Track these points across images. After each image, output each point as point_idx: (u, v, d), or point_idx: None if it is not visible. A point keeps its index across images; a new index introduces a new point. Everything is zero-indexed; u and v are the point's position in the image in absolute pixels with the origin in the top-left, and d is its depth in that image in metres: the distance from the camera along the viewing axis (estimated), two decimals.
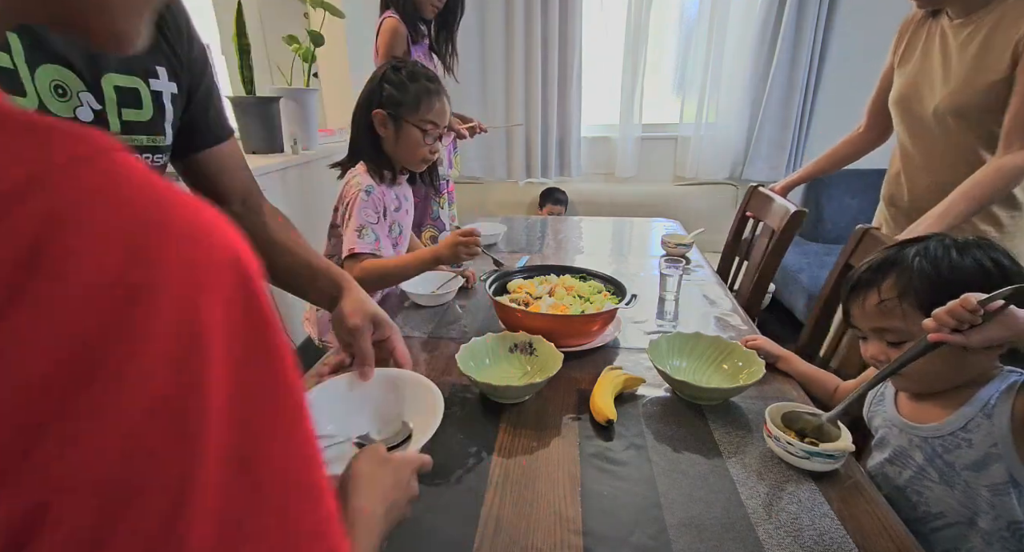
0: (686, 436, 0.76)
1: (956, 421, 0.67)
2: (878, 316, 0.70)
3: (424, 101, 1.11)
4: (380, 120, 1.12)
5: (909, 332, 0.68)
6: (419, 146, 1.14)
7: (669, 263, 1.25)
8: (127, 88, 0.51)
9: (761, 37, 2.65)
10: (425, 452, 0.70)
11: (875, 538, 0.58)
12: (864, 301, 0.71)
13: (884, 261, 0.71)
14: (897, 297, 0.68)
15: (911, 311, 0.67)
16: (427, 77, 1.13)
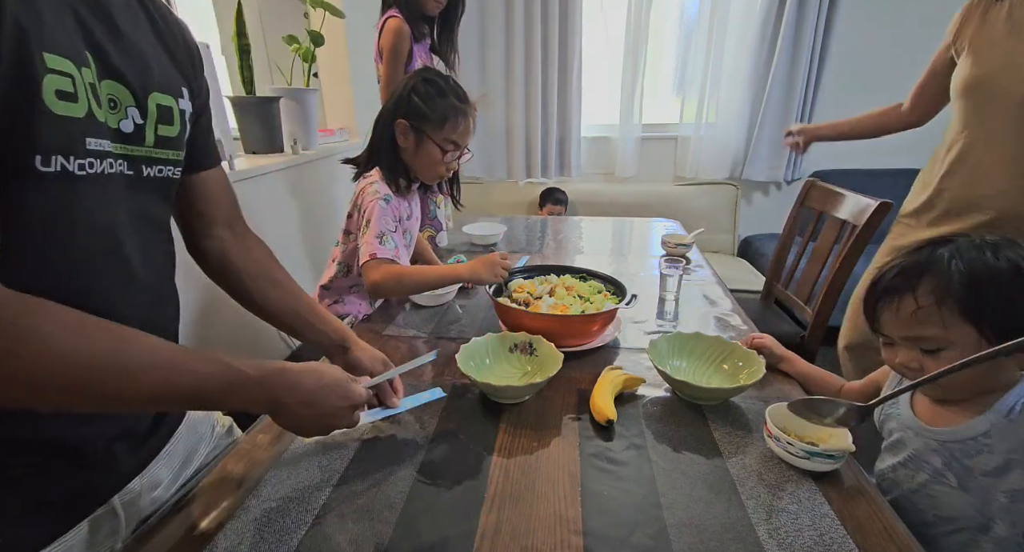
0: (686, 436, 0.76)
1: (978, 426, 0.65)
2: (913, 324, 0.66)
3: (450, 120, 1.10)
4: (402, 130, 1.11)
5: (948, 339, 0.64)
6: (438, 164, 1.14)
7: (669, 263, 1.25)
8: (165, 106, 0.56)
9: (761, 37, 2.65)
10: (425, 451, 0.71)
11: (875, 538, 0.58)
12: (898, 308, 0.67)
13: (916, 264, 0.67)
14: (936, 303, 0.64)
15: (951, 317, 0.63)
16: (457, 96, 1.12)
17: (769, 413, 0.71)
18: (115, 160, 0.50)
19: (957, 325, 0.63)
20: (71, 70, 0.43)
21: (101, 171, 0.48)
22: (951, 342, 0.64)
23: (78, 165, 0.45)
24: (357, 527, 0.59)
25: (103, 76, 0.48)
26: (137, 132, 0.52)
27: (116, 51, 0.50)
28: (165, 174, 0.58)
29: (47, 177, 0.42)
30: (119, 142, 0.51)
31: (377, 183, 1.14)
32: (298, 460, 0.70)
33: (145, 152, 0.54)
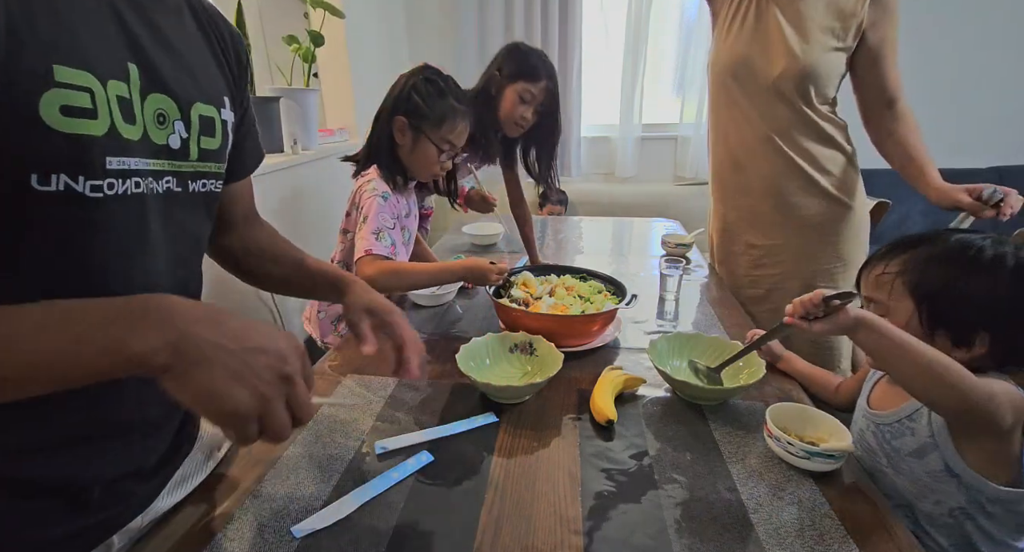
0: (686, 436, 0.76)
1: (904, 410, 0.70)
2: (874, 286, 0.73)
3: (448, 120, 1.11)
4: (400, 127, 1.12)
5: (889, 308, 0.71)
6: (433, 163, 1.14)
7: (669, 263, 1.25)
8: (207, 117, 0.53)
9: None
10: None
11: (875, 538, 0.58)
12: (871, 269, 0.74)
13: (912, 239, 0.73)
14: (896, 273, 0.70)
15: (900, 289, 0.69)
16: (456, 97, 1.13)
17: (769, 413, 0.71)
18: (157, 179, 0.48)
19: (901, 298, 0.69)
20: (91, 84, 0.40)
21: (124, 191, 0.44)
22: (890, 310, 0.70)
23: (91, 186, 0.41)
24: (357, 527, 0.59)
25: (149, 89, 0.46)
26: (183, 147, 0.50)
27: (163, 60, 0.47)
28: (209, 188, 0.56)
29: (48, 197, 0.39)
30: (167, 159, 0.48)
31: (375, 180, 1.14)
32: (298, 460, 0.70)
33: (191, 167, 0.52)
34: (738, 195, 1.39)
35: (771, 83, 1.19)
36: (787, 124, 1.22)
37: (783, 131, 1.23)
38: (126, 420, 0.53)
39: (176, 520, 0.61)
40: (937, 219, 2.73)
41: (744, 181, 1.35)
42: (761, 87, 1.21)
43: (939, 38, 2.60)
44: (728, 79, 1.27)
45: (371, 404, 0.83)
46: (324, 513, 0.60)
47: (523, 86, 1.37)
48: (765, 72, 1.20)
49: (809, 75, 1.16)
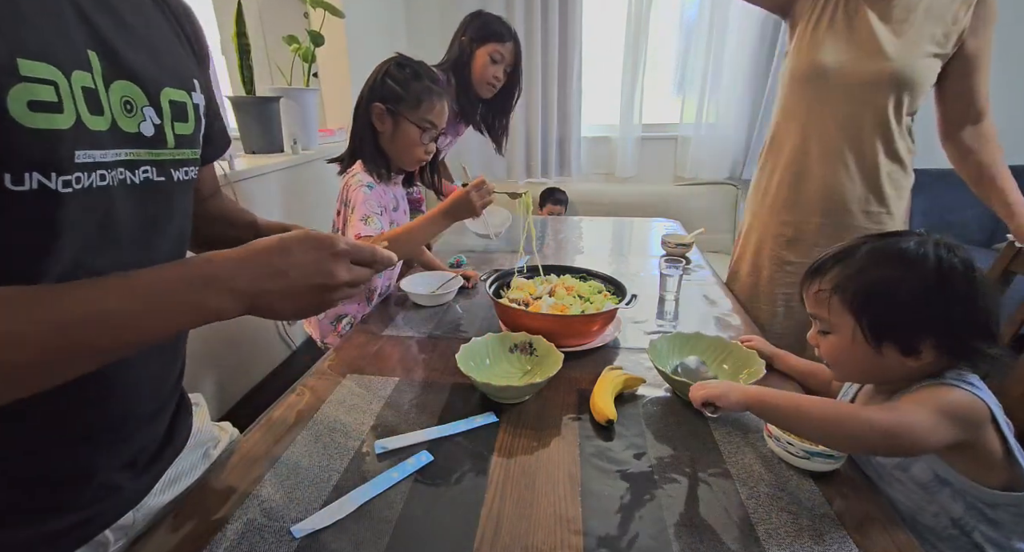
0: (686, 436, 0.76)
1: None
2: (814, 303, 0.72)
3: (425, 100, 1.11)
4: (379, 114, 1.12)
5: (831, 324, 0.70)
6: (415, 145, 1.14)
7: (669, 263, 1.25)
8: (178, 102, 0.51)
9: (761, 37, 2.66)
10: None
11: (875, 538, 0.58)
12: (808, 287, 0.73)
13: (841, 251, 0.71)
14: (830, 290, 0.69)
15: (838, 306, 0.68)
16: (430, 78, 1.14)
17: None
18: (132, 169, 0.46)
19: (842, 314, 0.67)
20: (55, 77, 0.38)
21: (90, 184, 0.42)
22: (833, 327, 0.69)
23: (62, 182, 0.40)
24: (357, 528, 0.59)
25: (113, 77, 0.44)
26: (158, 134, 0.49)
27: (125, 46, 0.45)
28: (191, 176, 0.54)
29: (23, 197, 0.38)
30: (142, 147, 0.47)
31: (359, 174, 1.15)
32: (298, 460, 0.70)
33: (171, 155, 0.51)
34: (786, 209, 1.30)
35: (860, 85, 1.13)
36: (865, 135, 1.15)
37: (858, 144, 1.16)
38: (117, 414, 0.53)
39: (176, 520, 0.61)
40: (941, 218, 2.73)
41: (796, 195, 1.27)
42: (847, 91, 1.14)
43: None
44: (809, 84, 1.19)
45: (371, 404, 0.83)
46: (324, 513, 0.60)
47: (493, 47, 1.47)
48: (855, 74, 1.12)
49: (903, 80, 1.10)
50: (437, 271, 1.38)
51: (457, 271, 1.37)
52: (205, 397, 0.78)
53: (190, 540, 0.58)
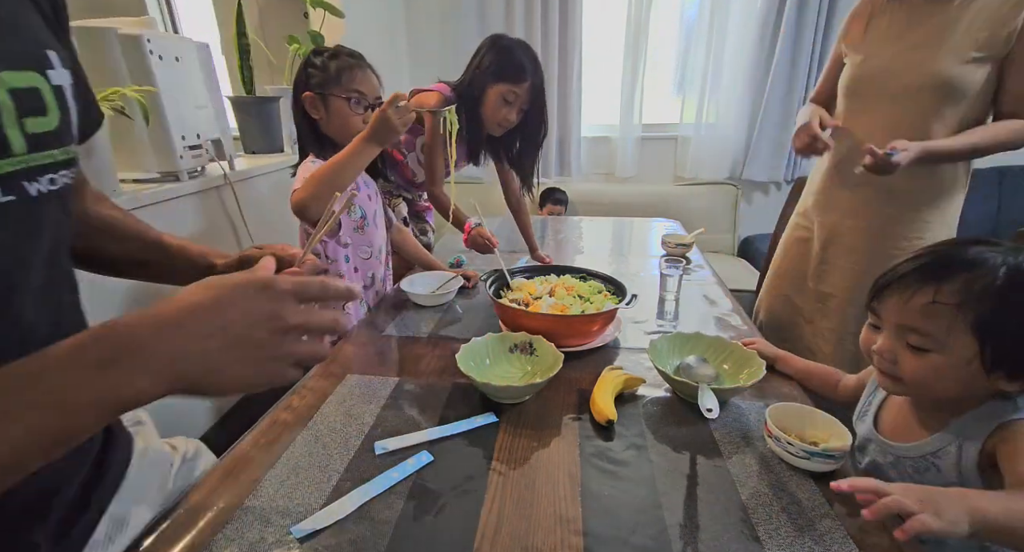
0: (686, 436, 0.76)
1: (929, 445, 0.66)
2: (918, 316, 0.61)
3: (346, 73, 1.11)
4: (310, 102, 1.12)
5: (944, 344, 0.60)
6: (349, 117, 1.12)
7: (669, 263, 1.25)
8: (24, 89, 0.37)
9: (761, 37, 2.65)
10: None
11: (875, 538, 0.58)
12: (912, 295, 0.62)
13: (955, 258, 0.62)
14: (956, 305, 0.59)
15: (961, 324, 0.59)
16: (348, 53, 1.15)
17: (769, 413, 0.71)
18: None
19: (962, 334, 0.59)
20: None
21: None
22: (945, 347, 0.61)
23: None
24: (357, 528, 0.59)
25: None
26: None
27: None
28: (60, 184, 0.41)
29: None
30: None
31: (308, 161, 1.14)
32: (297, 461, 0.70)
33: (21, 163, 0.37)
34: (825, 210, 1.33)
35: (900, 92, 1.14)
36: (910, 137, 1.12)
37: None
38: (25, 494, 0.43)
39: (176, 520, 0.61)
40: None
41: (837, 194, 1.29)
42: (890, 97, 1.16)
43: None
44: (859, 87, 1.22)
45: (371, 404, 0.83)
46: (324, 513, 0.60)
47: (506, 87, 1.33)
48: (897, 80, 1.14)
49: (941, 86, 1.09)
50: (437, 271, 1.38)
51: (457, 271, 1.37)
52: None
53: (190, 540, 0.58)
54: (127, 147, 1.33)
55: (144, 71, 1.27)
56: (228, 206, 1.59)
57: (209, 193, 1.51)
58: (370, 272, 1.26)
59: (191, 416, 1.44)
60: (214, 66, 1.58)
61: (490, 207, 2.98)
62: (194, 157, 1.44)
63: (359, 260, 1.23)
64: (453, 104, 1.28)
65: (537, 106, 1.39)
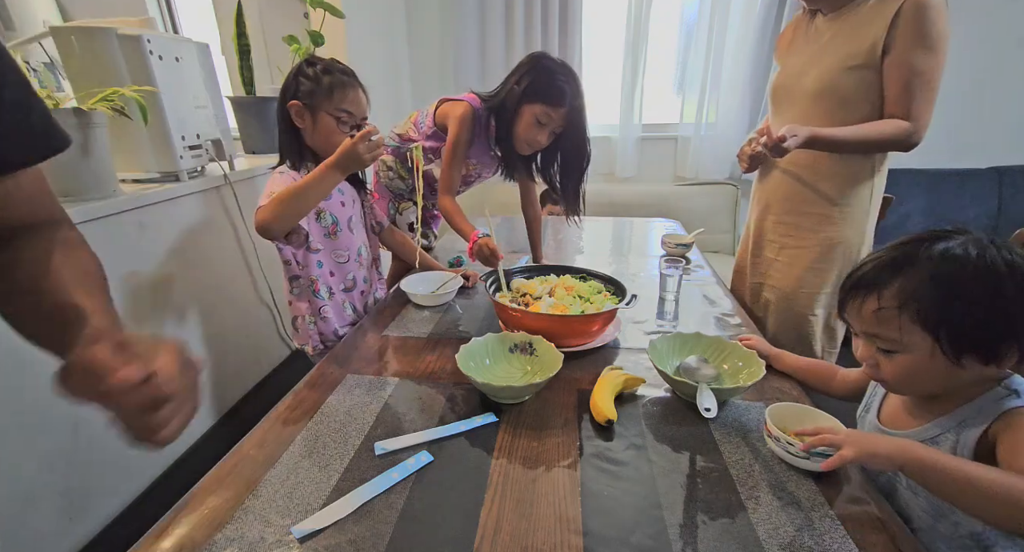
0: (686, 436, 0.76)
1: (927, 431, 0.67)
2: (873, 322, 0.65)
3: (338, 90, 1.12)
4: (297, 111, 1.13)
5: (902, 343, 0.63)
6: (335, 134, 1.13)
7: (669, 263, 1.25)
8: None
9: (761, 37, 2.65)
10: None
11: (875, 538, 0.58)
12: (862, 304, 0.66)
13: (894, 261, 0.64)
14: (897, 307, 0.62)
15: (908, 324, 0.62)
16: (341, 70, 1.15)
17: (769, 413, 0.71)
18: None
19: (913, 331, 0.62)
20: None
21: None
22: (904, 346, 0.63)
23: None
24: (357, 527, 0.59)
25: None
26: None
27: None
28: None
29: None
30: None
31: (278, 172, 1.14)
32: (298, 460, 0.70)
33: None
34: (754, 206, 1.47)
35: (801, 97, 1.25)
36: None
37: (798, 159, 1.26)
38: None
39: (176, 520, 0.61)
40: (942, 218, 2.73)
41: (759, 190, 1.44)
42: (797, 101, 1.26)
43: None
44: (776, 94, 1.34)
45: (371, 404, 0.83)
46: (324, 513, 0.60)
47: (542, 109, 1.30)
48: (800, 87, 1.25)
49: (828, 91, 1.19)
50: (437, 271, 1.38)
51: (457, 271, 1.37)
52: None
53: (190, 540, 0.58)
54: (127, 147, 1.33)
55: (144, 71, 1.27)
56: (228, 206, 1.59)
57: (209, 193, 1.51)
58: (349, 274, 1.26)
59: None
60: (214, 66, 1.58)
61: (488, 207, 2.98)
62: (194, 157, 1.44)
63: (334, 264, 1.23)
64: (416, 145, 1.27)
65: (574, 132, 1.36)
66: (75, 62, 1.22)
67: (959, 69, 2.64)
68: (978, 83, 2.64)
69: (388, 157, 1.58)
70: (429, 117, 1.49)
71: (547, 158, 1.48)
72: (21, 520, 1.00)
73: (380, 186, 1.62)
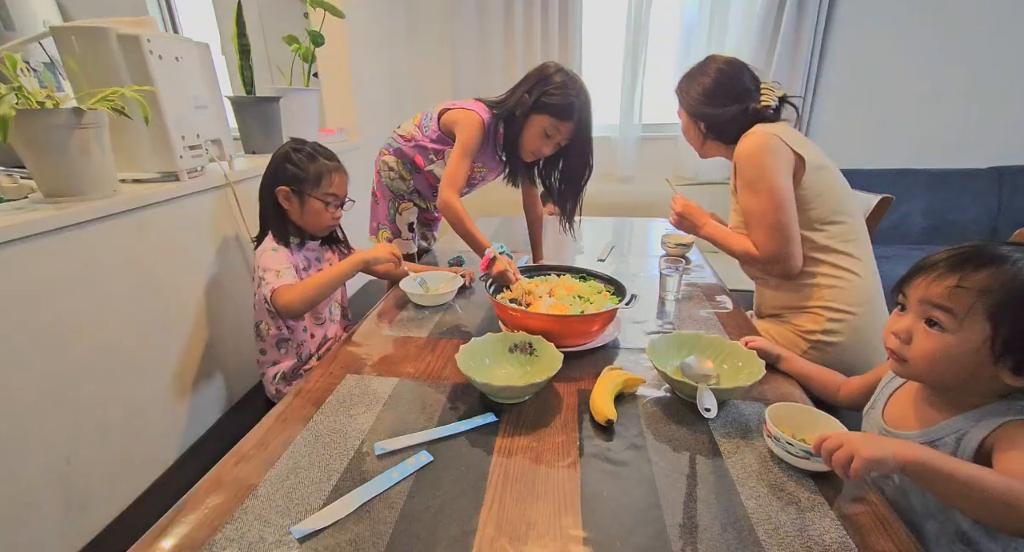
0: (686, 436, 0.76)
1: (928, 434, 0.67)
2: (943, 294, 0.64)
3: (325, 177, 1.22)
4: (284, 196, 1.21)
5: (959, 324, 0.63)
6: (321, 214, 1.24)
7: (669, 263, 1.25)
8: None
9: (761, 37, 2.65)
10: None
11: (875, 538, 0.58)
12: (939, 278, 0.65)
13: (985, 253, 0.64)
14: (977, 291, 0.62)
15: (976, 312, 0.62)
16: (326, 156, 1.25)
17: (769, 413, 0.71)
18: None
19: (976, 319, 0.62)
20: None
21: None
22: (958, 327, 0.63)
23: None
24: (357, 527, 0.59)
25: None
26: None
27: None
28: None
29: None
30: None
31: (266, 242, 1.23)
32: (298, 461, 0.70)
33: None
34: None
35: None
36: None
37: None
38: None
39: (176, 520, 0.61)
40: (941, 218, 2.73)
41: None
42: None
43: (939, 39, 2.60)
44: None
45: (371, 404, 0.83)
46: (324, 513, 0.60)
47: (550, 122, 1.31)
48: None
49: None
50: (437, 271, 1.38)
51: (457, 270, 1.37)
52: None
53: (190, 540, 0.58)
54: (127, 147, 1.33)
55: (144, 71, 1.26)
56: (228, 206, 1.59)
57: (209, 193, 1.51)
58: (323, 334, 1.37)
59: (192, 415, 1.44)
60: (214, 66, 1.58)
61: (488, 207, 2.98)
62: (194, 157, 1.44)
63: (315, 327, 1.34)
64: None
65: (579, 145, 1.37)
66: (75, 62, 1.22)
67: (959, 69, 2.65)
68: (978, 83, 2.64)
69: (390, 158, 1.58)
70: (434, 121, 1.50)
71: (549, 167, 1.49)
72: (21, 520, 1.00)
73: (381, 186, 1.62)
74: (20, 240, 0.97)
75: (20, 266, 0.98)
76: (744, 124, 1.23)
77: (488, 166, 1.54)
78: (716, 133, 1.29)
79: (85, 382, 1.12)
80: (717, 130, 1.28)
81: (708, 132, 1.29)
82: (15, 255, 0.97)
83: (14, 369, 0.97)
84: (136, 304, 1.26)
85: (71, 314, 1.08)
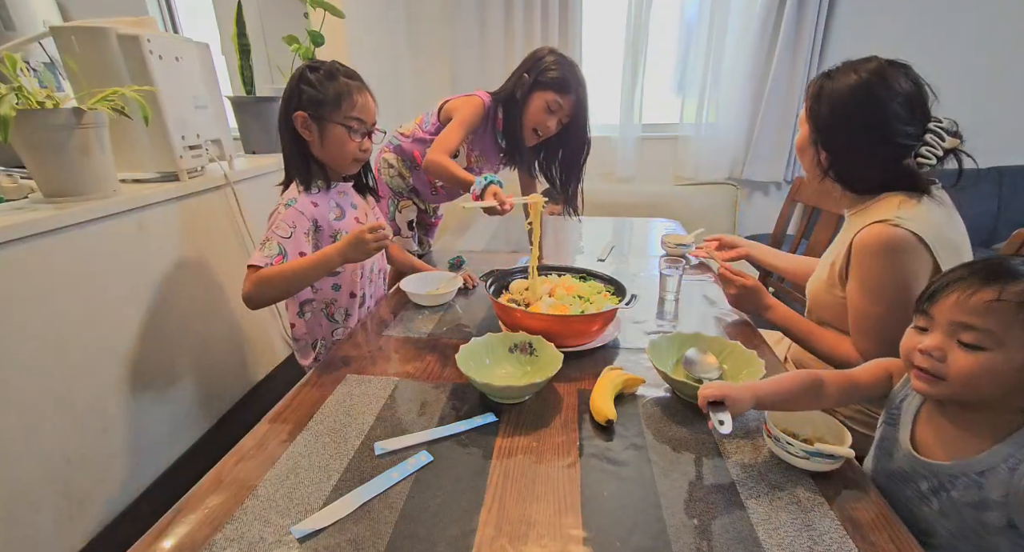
0: (686, 436, 0.76)
1: (973, 465, 0.63)
2: (978, 313, 0.60)
3: (346, 97, 1.06)
4: (302, 122, 1.06)
5: (1001, 341, 0.59)
6: (346, 144, 1.08)
7: (669, 263, 1.25)
8: None
9: (761, 37, 2.65)
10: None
11: (875, 538, 0.58)
12: (973, 293, 0.61)
13: (1012, 266, 0.62)
14: (1018, 304, 0.59)
15: (1020, 325, 0.59)
16: (346, 74, 1.08)
17: (769, 413, 0.71)
18: None
19: (1017, 337, 0.59)
20: None
21: None
22: (1002, 345, 0.59)
23: None
24: (357, 527, 0.59)
25: None
26: None
27: None
28: None
29: None
30: None
31: (289, 191, 1.10)
32: (298, 460, 0.70)
33: None
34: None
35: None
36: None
37: None
38: None
39: (176, 520, 0.61)
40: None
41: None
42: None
43: (939, 38, 2.60)
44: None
45: (371, 404, 0.83)
46: (324, 513, 0.60)
47: (552, 96, 1.34)
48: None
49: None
50: (437, 271, 1.38)
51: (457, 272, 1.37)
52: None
53: (190, 540, 0.58)
54: (127, 147, 1.33)
55: (144, 71, 1.26)
56: (228, 206, 1.59)
57: (209, 193, 1.51)
58: (361, 291, 1.25)
59: (192, 415, 1.44)
60: (214, 66, 1.58)
61: None
62: (194, 157, 1.44)
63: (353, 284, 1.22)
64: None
65: (578, 123, 1.41)
66: (75, 62, 1.22)
67: (959, 69, 2.65)
68: (978, 83, 2.64)
69: (390, 155, 1.59)
70: (434, 115, 1.51)
71: (549, 155, 1.51)
72: (21, 520, 1.00)
73: (381, 184, 1.62)
74: (20, 240, 0.97)
75: (20, 266, 0.98)
76: (884, 177, 0.92)
77: (486, 156, 1.53)
78: (840, 173, 0.94)
79: (85, 382, 1.12)
80: (841, 169, 0.94)
81: (831, 167, 0.94)
82: (15, 255, 0.97)
83: (14, 369, 0.97)
84: (136, 304, 1.26)
85: (71, 314, 1.08)
